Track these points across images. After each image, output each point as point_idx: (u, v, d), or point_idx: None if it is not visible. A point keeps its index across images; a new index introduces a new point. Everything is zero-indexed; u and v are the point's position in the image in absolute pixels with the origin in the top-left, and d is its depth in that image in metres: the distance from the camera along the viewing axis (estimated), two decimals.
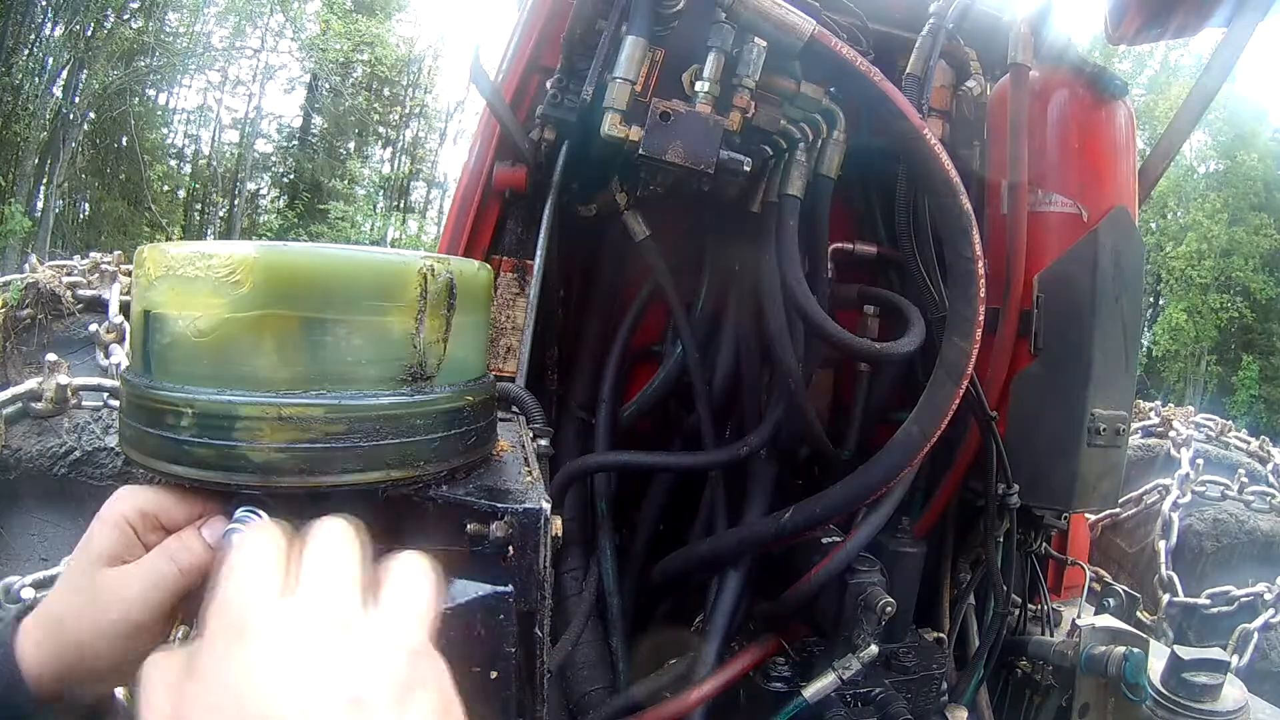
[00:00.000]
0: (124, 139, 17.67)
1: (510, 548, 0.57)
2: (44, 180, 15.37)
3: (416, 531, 0.58)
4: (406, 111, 24.05)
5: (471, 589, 0.57)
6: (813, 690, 1.16)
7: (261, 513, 0.52)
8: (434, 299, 0.56)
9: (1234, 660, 1.85)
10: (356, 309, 0.53)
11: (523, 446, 0.73)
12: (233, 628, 0.41)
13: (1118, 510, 2.13)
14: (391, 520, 0.56)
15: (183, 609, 0.55)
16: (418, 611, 0.45)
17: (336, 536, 0.47)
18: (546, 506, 0.58)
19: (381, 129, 23.70)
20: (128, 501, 0.55)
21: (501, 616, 0.56)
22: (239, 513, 0.52)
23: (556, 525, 0.63)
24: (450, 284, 0.57)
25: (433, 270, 0.56)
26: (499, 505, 0.57)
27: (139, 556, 0.55)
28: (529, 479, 0.63)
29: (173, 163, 20.62)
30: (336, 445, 0.52)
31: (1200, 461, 2.16)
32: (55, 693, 0.53)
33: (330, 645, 0.41)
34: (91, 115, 16.36)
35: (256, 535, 0.47)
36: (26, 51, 14.68)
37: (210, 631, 0.41)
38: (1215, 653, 1.32)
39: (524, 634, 0.59)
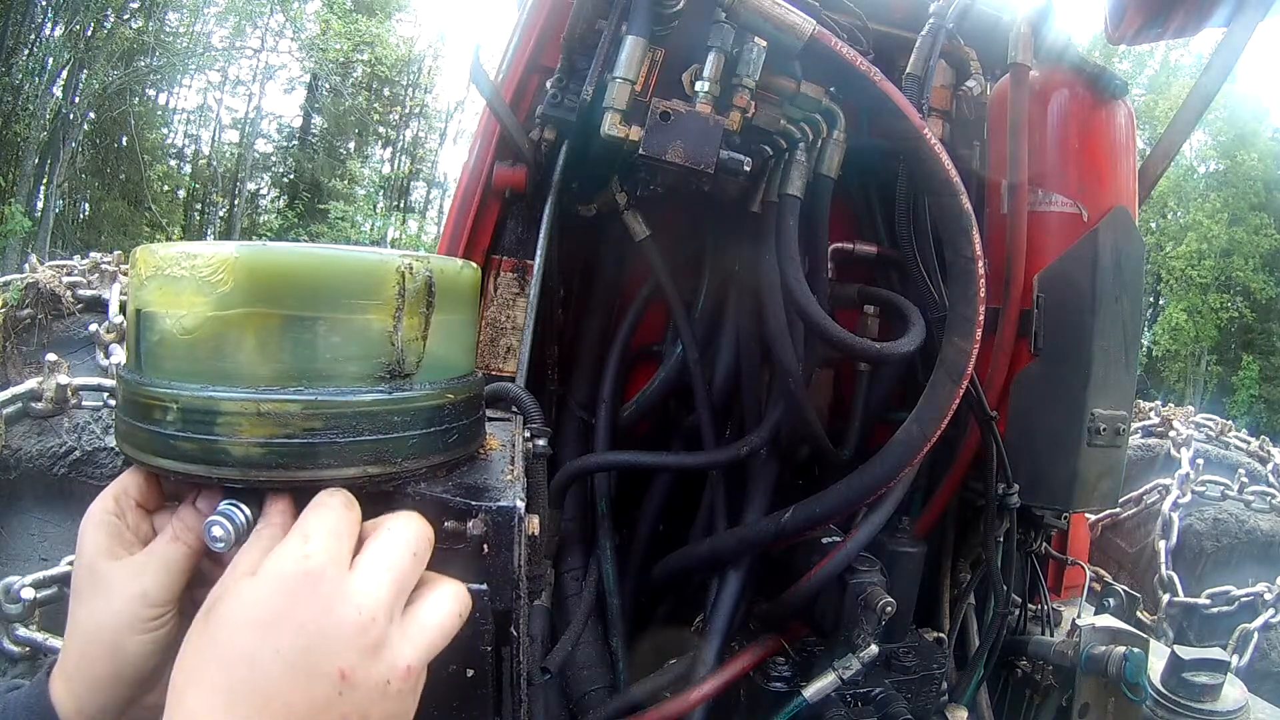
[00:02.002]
0: (124, 139, 17.69)
1: (485, 545, 0.57)
2: (44, 180, 15.37)
3: None
4: (406, 111, 24.07)
5: None
6: (813, 690, 1.16)
7: (244, 506, 0.53)
8: (412, 297, 0.57)
9: (1234, 660, 1.85)
10: (335, 307, 0.54)
11: (513, 445, 0.73)
12: (306, 578, 0.48)
13: (1118, 510, 2.14)
14: (372, 516, 0.56)
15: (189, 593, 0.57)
16: (432, 641, 0.51)
17: (403, 538, 0.53)
18: (521, 505, 0.58)
19: (381, 129, 23.71)
20: (101, 501, 0.58)
21: (477, 615, 0.57)
22: (222, 505, 0.53)
23: (533, 524, 0.63)
24: (429, 282, 0.58)
25: (411, 268, 0.56)
26: (474, 503, 0.57)
27: (131, 542, 0.57)
28: (508, 477, 0.63)
29: (173, 163, 20.65)
30: (314, 441, 0.53)
31: (1200, 461, 2.16)
32: None
33: (357, 627, 0.47)
34: (91, 115, 16.36)
35: (333, 508, 0.52)
36: (26, 51, 14.68)
37: (275, 573, 0.48)
38: (1215, 653, 1.32)
39: (500, 633, 0.59)
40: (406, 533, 0.53)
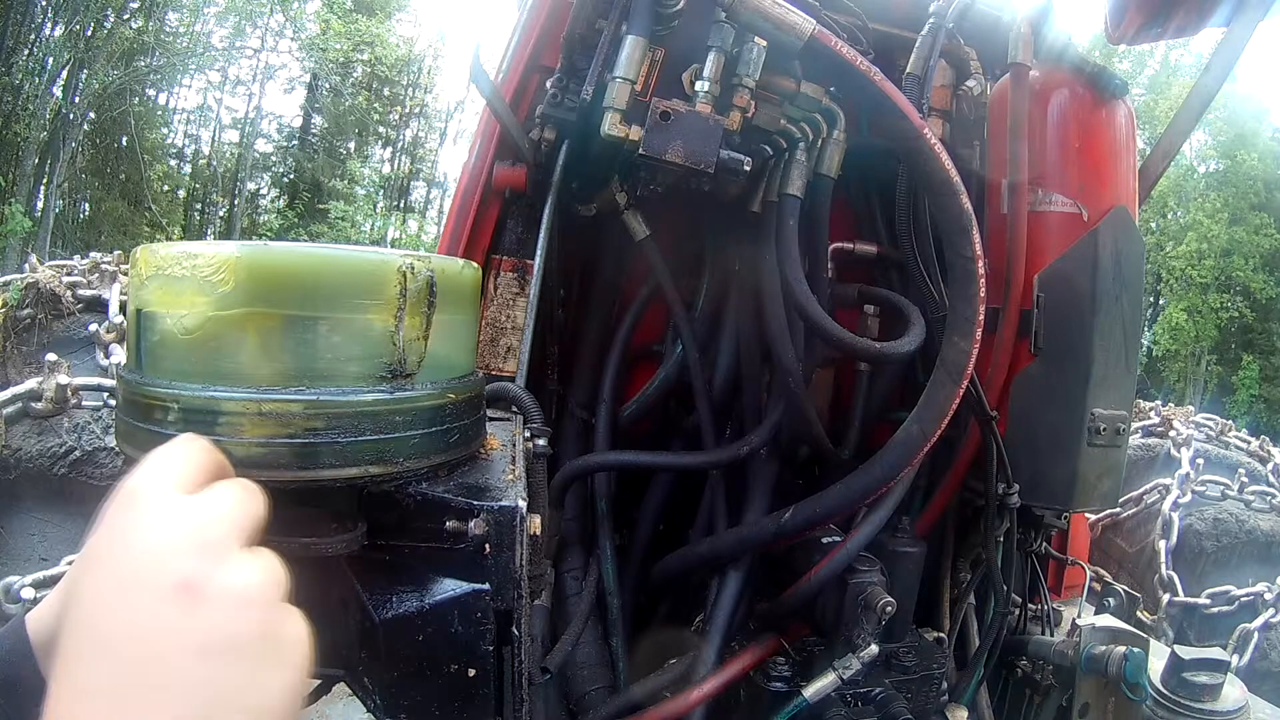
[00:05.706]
0: (124, 139, 17.68)
1: (487, 545, 0.57)
2: (44, 180, 15.37)
3: (399, 527, 0.58)
4: (406, 111, 24.07)
5: (449, 586, 0.57)
6: (813, 690, 1.16)
7: None
8: (414, 297, 0.57)
9: (1234, 660, 1.85)
10: (336, 307, 0.54)
11: (513, 445, 0.73)
12: (126, 496, 0.43)
13: (1118, 510, 2.13)
14: (374, 516, 0.56)
15: None
16: (266, 584, 0.43)
17: (243, 493, 0.46)
18: (523, 505, 0.58)
19: (381, 129, 23.71)
20: None
21: (478, 615, 0.57)
22: None
23: (535, 524, 0.63)
24: (430, 282, 0.58)
25: (412, 268, 0.56)
26: (475, 503, 0.57)
27: None
28: (510, 477, 0.63)
29: (173, 163, 20.64)
30: (316, 440, 0.53)
31: (1200, 461, 2.16)
32: None
33: (188, 546, 0.40)
34: (91, 115, 16.36)
35: (173, 443, 0.47)
36: (26, 51, 14.68)
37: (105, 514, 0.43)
38: (1215, 652, 1.32)
39: (501, 633, 0.59)
40: (248, 487, 0.47)
